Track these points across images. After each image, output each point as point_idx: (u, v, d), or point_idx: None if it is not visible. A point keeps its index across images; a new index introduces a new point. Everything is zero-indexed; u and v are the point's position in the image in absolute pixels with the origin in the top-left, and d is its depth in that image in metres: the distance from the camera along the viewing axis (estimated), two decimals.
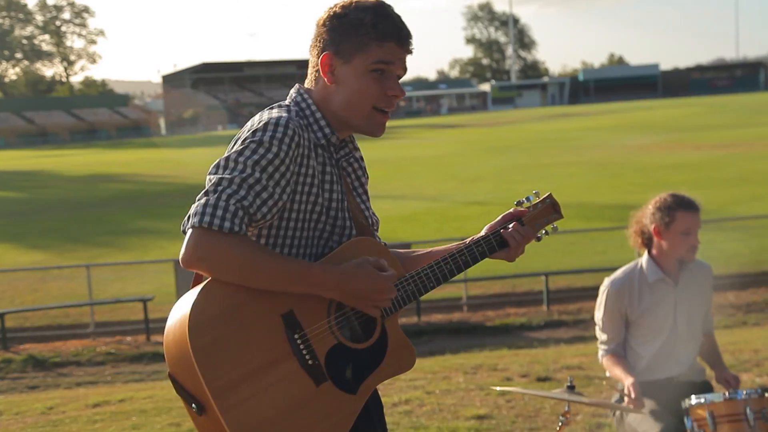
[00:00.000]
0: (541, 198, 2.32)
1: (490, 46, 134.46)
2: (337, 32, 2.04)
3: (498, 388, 3.06)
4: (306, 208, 2.02)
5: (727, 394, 2.96)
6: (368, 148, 2.24)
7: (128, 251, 18.22)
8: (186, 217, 1.91)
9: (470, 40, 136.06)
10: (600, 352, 3.59)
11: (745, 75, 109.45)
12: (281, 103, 2.11)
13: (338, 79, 2.06)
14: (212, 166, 1.97)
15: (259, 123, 2.00)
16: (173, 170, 39.43)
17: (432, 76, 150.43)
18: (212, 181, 1.92)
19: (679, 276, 3.51)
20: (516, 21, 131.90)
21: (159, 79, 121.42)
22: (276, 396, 1.89)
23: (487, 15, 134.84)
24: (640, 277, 3.51)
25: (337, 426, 1.97)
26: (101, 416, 6.09)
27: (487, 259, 2.26)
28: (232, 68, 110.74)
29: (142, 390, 7.51)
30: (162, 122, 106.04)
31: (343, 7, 2.05)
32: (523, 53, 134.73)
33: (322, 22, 2.07)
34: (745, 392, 2.93)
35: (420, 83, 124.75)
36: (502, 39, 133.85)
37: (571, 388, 2.83)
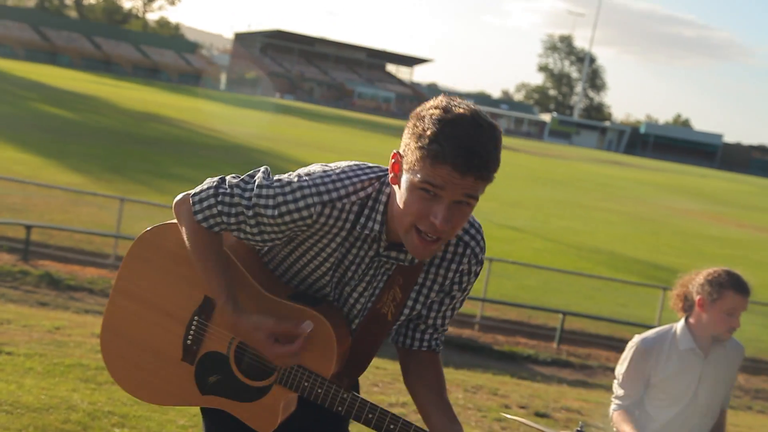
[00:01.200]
0: None
1: (560, 79, 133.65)
2: (408, 133, 1.85)
3: (509, 416, 3.01)
4: (299, 257, 2.07)
5: None
6: None
7: (162, 194, 18.40)
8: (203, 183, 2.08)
9: (542, 68, 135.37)
10: (613, 406, 3.54)
11: None
12: (367, 174, 2.00)
13: (400, 182, 1.88)
14: (254, 170, 2.04)
15: (301, 177, 1.97)
16: (223, 126, 39.74)
17: (496, 94, 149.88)
18: (234, 182, 2.02)
19: (711, 350, 3.44)
20: (592, 60, 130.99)
21: (230, 35, 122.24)
22: (151, 332, 2.14)
23: (565, 48, 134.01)
24: (672, 342, 3.45)
25: (167, 395, 2.16)
26: None
27: (508, 283, 2.13)
28: (304, 41, 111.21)
29: None
30: (223, 77, 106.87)
31: (427, 108, 1.83)
32: (591, 93, 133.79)
33: (411, 115, 1.88)
34: None
35: (482, 98, 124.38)
36: (575, 75, 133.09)
37: None
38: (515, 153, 61.74)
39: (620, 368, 3.54)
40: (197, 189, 2.05)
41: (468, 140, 1.75)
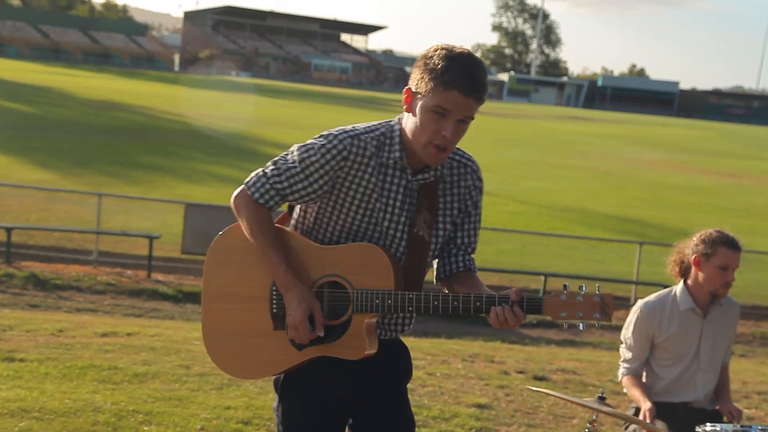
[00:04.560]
0: (586, 293, 2.32)
1: (515, 37, 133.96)
2: (419, 71, 2.36)
3: (533, 388, 3.22)
4: (342, 205, 2.45)
5: (740, 426, 3.14)
6: (383, 119, 2.57)
7: (134, 185, 18.34)
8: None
9: (496, 28, 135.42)
10: (621, 369, 3.76)
11: (762, 107, 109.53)
12: (371, 124, 2.48)
13: (413, 111, 2.39)
14: (283, 154, 2.52)
15: (325, 133, 2.46)
16: (184, 109, 39.39)
17: None
18: (275, 159, 2.49)
19: (709, 309, 3.69)
20: (546, 16, 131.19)
21: (179, 14, 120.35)
22: (242, 319, 2.50)
23: (517, 5, 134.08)
24: (672, 304, 3.69)
25: (272, 364, 2.49)
26: (111, 347, 6.26)
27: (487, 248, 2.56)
28: (255, 16, 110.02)
29: (147, 327, 7.68)
30: (176, 58, 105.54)
31: (434, 50, 2.36)
32: (546, 49, 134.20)
33: (418, 58, 2.41)
34: (760, 428, 3.11)
35: None
36: (529, 32, 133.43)
37: (602, 398, 3.00)
38: (478, 116, 61.44)
39: (626, 332, 3.76)
40: (251, 178, 2.49)
41: (470, 70, 2.31)
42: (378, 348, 2.46)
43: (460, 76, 2.28)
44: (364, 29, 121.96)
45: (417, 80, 2.35)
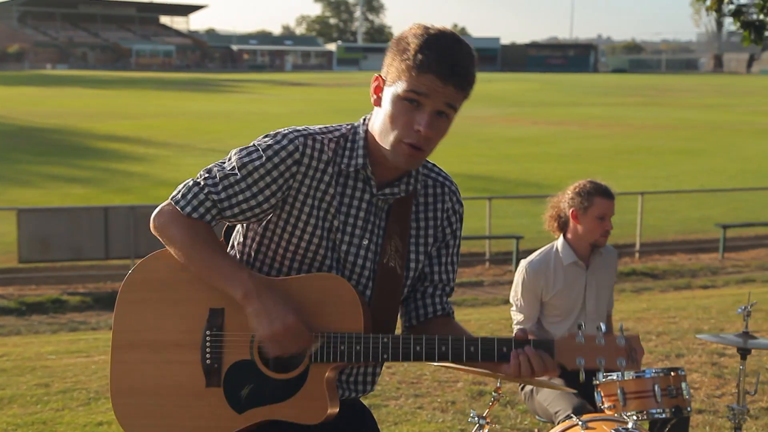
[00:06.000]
0: (608, 334, 1.89)
1: (338, 6, 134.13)
2: (390, 55, 1.95)
3: (440, 365, 3.10)
4: (295, 225, 1.98)
5: (634, 372, 3.19)
6: (215, 101, 2.20)
7: None
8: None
9: None
10: (515, 332, 3.72)
11: (578, 55, 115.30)
12: (339, 124, 2.06)
13: (382, 102, 1.96)
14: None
15: (275, 130, 2.01)
16: None
17: (277, 30, 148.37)
18: (208, 168, 2.01)
19: (590, 260, 3.72)
20: None
21: None
22: (164, 374, 1.97)
23: None
24: (555, 260, 3.69)
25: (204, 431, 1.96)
26: None
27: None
28: (65, 4, 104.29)
29: None
30: None
31: (408, 30, 1.95)
32: (371, 16, 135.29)
33: (392, 41, 2.00)
34: (654, 371, 3.18)
35: (264, 37, 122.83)
36: (351, 0, 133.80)
37: None
38: (308, 87, 61.70)
39: (514, 294, 3.73)
40: (174, 192, 2.00)
41: (450, 51, 1.88)
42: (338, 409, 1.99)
43: (438, 57, 1.85)
44: (184, 10, 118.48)
45: (387, 65, 1.94)
